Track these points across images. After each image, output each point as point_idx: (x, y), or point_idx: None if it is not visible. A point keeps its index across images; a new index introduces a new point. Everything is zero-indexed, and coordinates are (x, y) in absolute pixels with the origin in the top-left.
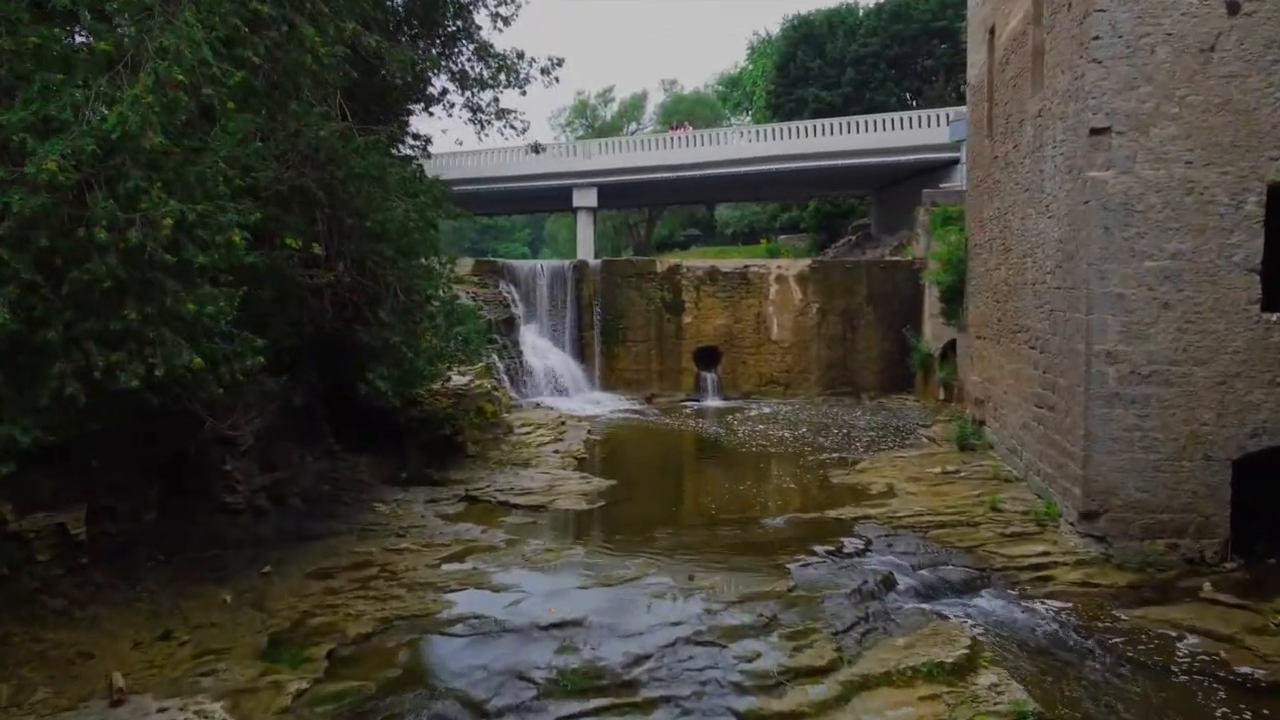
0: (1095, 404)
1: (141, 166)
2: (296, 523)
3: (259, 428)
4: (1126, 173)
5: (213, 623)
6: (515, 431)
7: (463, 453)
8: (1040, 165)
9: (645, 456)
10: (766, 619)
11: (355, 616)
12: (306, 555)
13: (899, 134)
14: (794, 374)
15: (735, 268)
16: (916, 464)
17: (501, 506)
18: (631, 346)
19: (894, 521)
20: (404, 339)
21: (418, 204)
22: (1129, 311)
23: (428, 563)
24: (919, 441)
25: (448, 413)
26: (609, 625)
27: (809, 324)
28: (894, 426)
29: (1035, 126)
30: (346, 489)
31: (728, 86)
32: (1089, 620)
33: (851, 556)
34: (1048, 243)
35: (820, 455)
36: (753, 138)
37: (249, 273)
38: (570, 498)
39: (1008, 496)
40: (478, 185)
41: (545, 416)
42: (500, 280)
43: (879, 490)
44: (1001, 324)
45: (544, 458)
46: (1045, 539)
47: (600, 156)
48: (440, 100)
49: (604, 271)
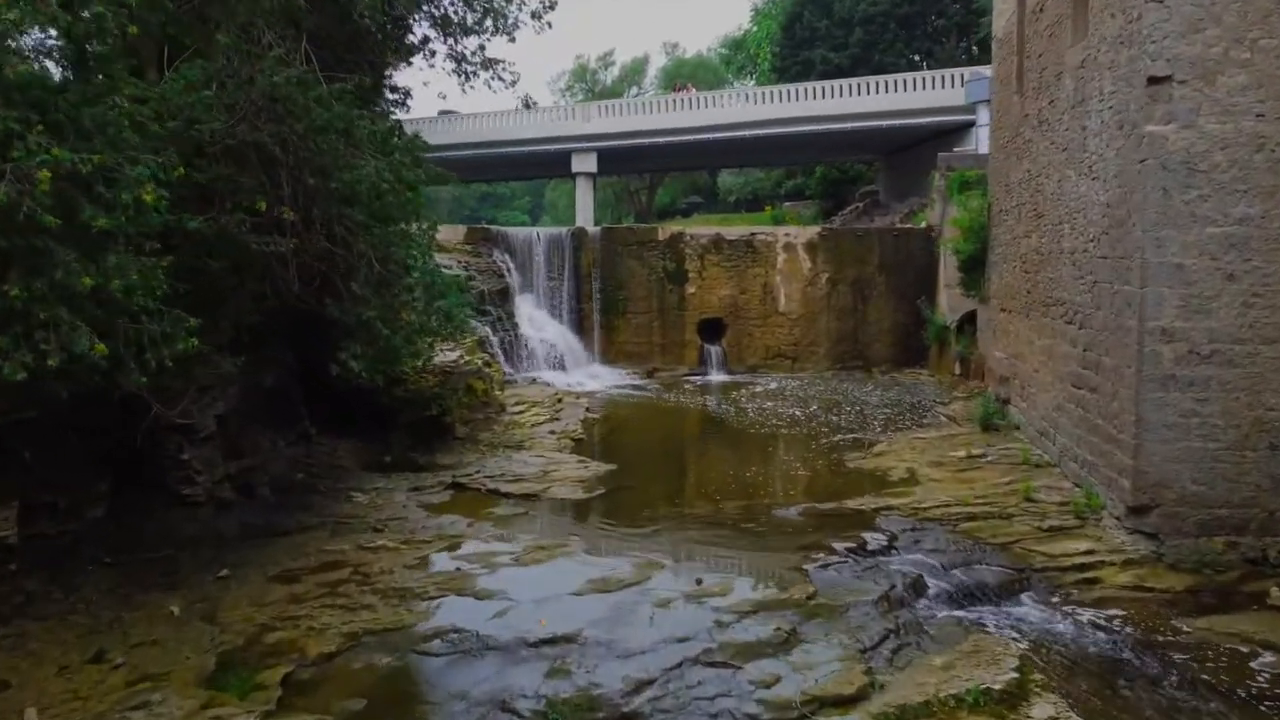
0: (1148, 386)
1: (14, 106)
2: (264, 516)
3: (222, 411)
4: (1189, 127)
5: (155, 640)
6: (508, 410)
7: (451, 435)
8: (1082, 122)
9: (647, 437)
10: (785, 633)
11: (319, 631)
12: (271, 554)
13: (911, 95)
14: (802, 347)
15: (741, 235)
16: (938, 446)
17: (491, 495)
18: (632, 318)
19: (919, 513)
20: (379, 314)
21: (392, 163)
22: (1188, 284)
23: (406, 563)
24: (937, 420)
25: (434, 392)
26: (606, 642)
27: (818, 294)
28: (909, 403)
29: (1076, 79)
30: (322, 476)
31: (731, 49)
32: (1147, 632)
33: (875, 554)
34: (1090, 207)
35: (834, 436)
36: (758, 100)
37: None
38: (566, 485)
39: (1041, 485)
40: (474, 150)
41: (541, 393)
42: (494, 249)
43: (899, 476)
44: (1031, 296)
45: (539, 439)
46: (1087, 534)
47: (600, 120)
48: (421, 50)
49: (603, 239)
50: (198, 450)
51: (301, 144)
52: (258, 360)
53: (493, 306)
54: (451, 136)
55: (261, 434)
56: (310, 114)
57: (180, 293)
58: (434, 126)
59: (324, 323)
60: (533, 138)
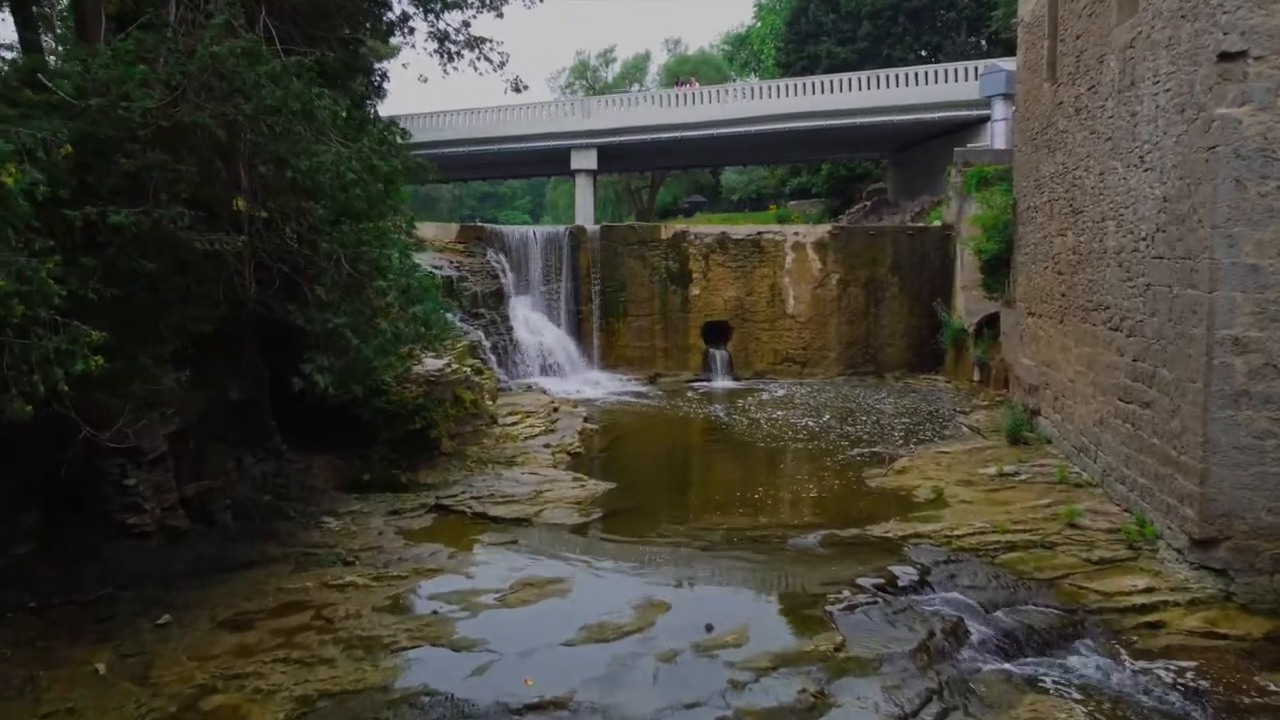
0: (1217, 404)
1: None
2: (222, 547)
3: (177, 428)
4: (1266, 109)
5: (70, 708)
6: (500, 422)
7: (436, 450)
8: (1131, 107)
9: (649, 451)
10: (811, 697)
11: (266, 694)
12: (224, 594)
13: (921, 90)
14: (812, 351)
15: (748, 234)
16: (965, 462)
17: (477, 520)
18: (633, 321)
19: (952, 542)
20: (349, 321)
21: (360, 151)
22: (1265, 287)
23: (376, 603)
24: (960, 432)
25: (417, 404)
26: (603, 708)
27: (828, 296)
28: (927, 412)
29: (1123, 60)
30: (293, 498)
31: (734, 45)
32: (1229, 692)
33: (906, 592)
34: (1143, 201)
35: (850, 450)
36: (764, 95)
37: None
38: (560, 508)
39: (1085, 508)
40: (470, 147)
41: (536, 402)
42: (488, 248)
43: (926, 497)
44: (1067, 300)
45: (532, 454)
46: (1143, 568)
47: (601, 115)
48: (401, 27)
49: (603, 238)
50: (145, 474)
51: (251, 127)
52: (223, 371)
53: (486, 309)
54: (446, 133)
55: (225, 452)
56: (260, 91)
57: (107, 299)
58: (427, 122)
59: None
60: (531, 134)
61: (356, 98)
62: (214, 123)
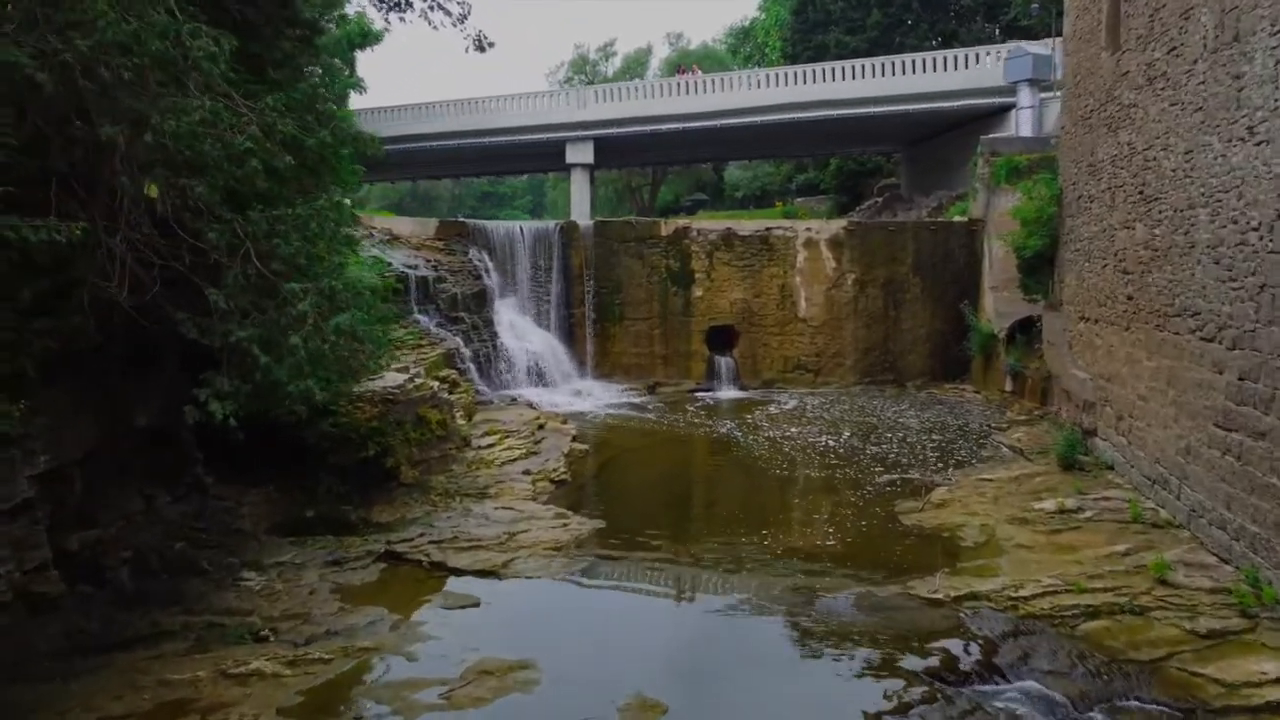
0: None
1: None
2: (107, 616)
3: (50, 467)
4: None
5: None
6: (474, 445)
7: (395, 481)
8: (1234, 69)
9: (645, 478)
10: None
11: None
12: (87, 689)
13: (938, 76)
14: (825, 358)
15: (756, 230)
16: (1013, 492)
17: (434, 571)
18: (630, 325)
19: (1019, 606)
20: (255, 335)
21: (262, 112)
22: None
23: (283, 704)
24: (1000, 453)
25: (372, 427)
26: None
27: (844, 297)
28: (958, 428)
29: (1219, 13)
30: (213, 545)
31: (738, 39)
32: None
33: (969, 680)
34: (1252, 182)
35: (877, 475)
36: (769, 83)
37: None
38: (537, 555)
39: (1174, 558)
40: (459, 140)
41: (519, 418)
42: (470, 245)
43: (974, 539)
44: (1135, 303)
45: (509, 482)
46: (1268, 645)
47: (597, 106)
48: None
49: (597, 235)
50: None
51: (89, 71)
52: (128, 392)
53: (467, 313)
54: (434, 125)
55: (130, 491)
56: (104, 23)
57: None
58: (415, 114)
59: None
60: (523, 125)
61: (284, 54)
62: (32, 63)
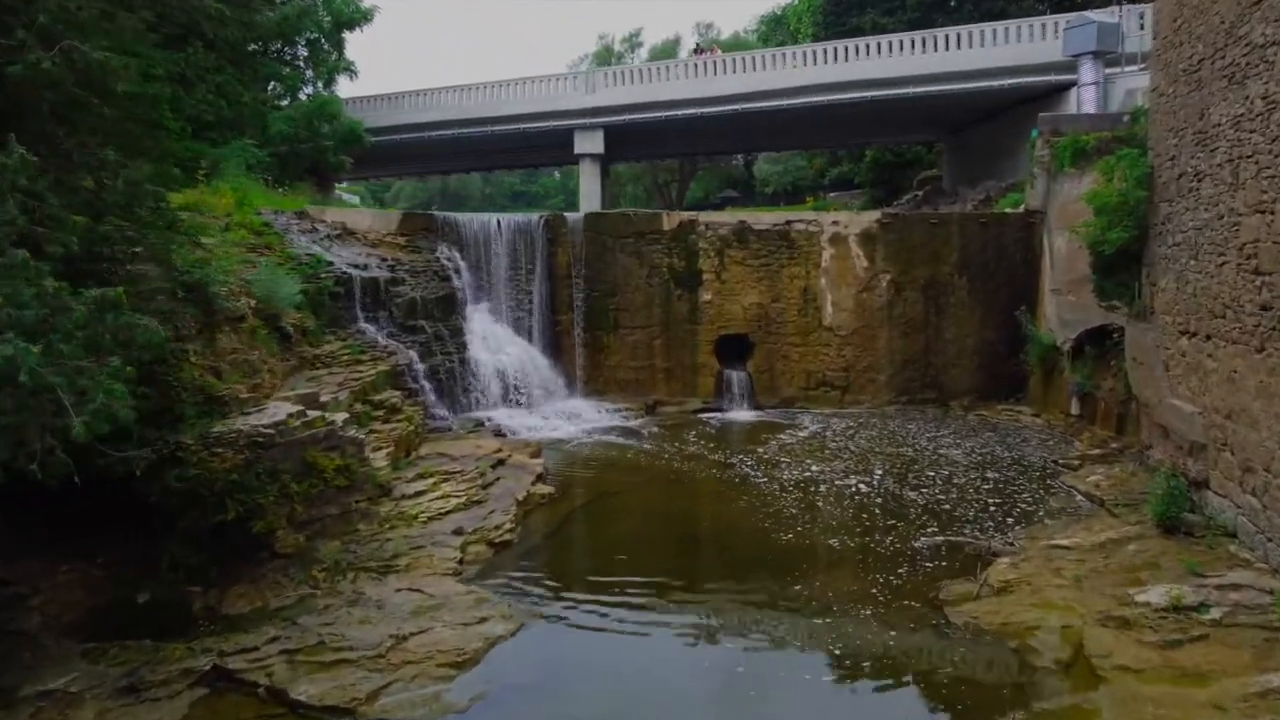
0: None
1: None
2: None
3: None
4: None
5: None
6: (397, 494)
7: (268, 550)
8: None
9: (615, 536)
10: None
11: None
12: None
13: (986, 52)
14: (855, 373)
15: (774, 224)
16: (1101, 570)
17: (270, 704)
18: (627, 335)
19: None
20: None
21: None
22: None
23: None
24: (1073, 501)
25: (233, 481)
26: None
27: (877, 302)
28: (1014, 462)
29: None
30: None
31: (769, 27)
32: None
33: None
34: None
35: (915, 533)
36: (800, 61)
37: None
38: (424, 677)
39: None
40: (459, 129)
41: (476, 450)
42: (439, 242)
43: (1054, 655)
44: (1274, 314)
45: (430, 548)
46: None
47: (607, 90)
48: None
49: (588, 229)
50: None
51: None
52: None
53: (429, 320)
54: (432, 113)
55: None
56: None
57: None
58: (412, 101)
59: None
60: (526, 113)
61: None
62: None
